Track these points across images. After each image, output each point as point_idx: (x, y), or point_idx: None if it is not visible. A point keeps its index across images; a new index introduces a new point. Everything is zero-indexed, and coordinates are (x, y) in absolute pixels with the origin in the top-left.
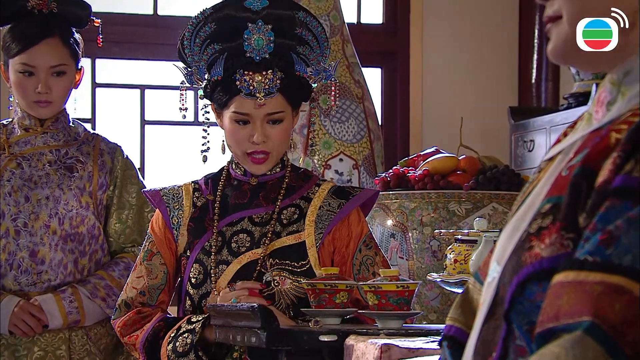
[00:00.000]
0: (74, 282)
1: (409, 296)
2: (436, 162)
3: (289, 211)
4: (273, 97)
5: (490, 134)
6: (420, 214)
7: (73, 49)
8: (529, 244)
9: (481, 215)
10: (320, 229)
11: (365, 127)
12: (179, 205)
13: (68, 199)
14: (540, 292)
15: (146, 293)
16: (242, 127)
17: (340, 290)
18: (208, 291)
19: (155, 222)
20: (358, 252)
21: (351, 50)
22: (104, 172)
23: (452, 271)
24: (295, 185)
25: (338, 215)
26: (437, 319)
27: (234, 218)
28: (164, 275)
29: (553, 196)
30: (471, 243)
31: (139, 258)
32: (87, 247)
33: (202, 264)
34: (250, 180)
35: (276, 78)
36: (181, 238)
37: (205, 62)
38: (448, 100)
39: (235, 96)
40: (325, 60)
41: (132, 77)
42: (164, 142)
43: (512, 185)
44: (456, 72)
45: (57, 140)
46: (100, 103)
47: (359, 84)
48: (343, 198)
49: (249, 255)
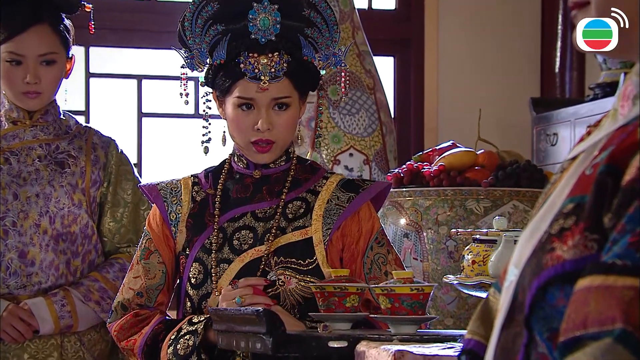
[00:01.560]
0: (66, 285)
1: (423, 300)
2: (452, 157)
3: (294, 205)
4: (279, 82)
5: (510, 127)
6: (435, 213)
7: (63, 36)
8: (550, 245)
9: (501, 214)
10: (328, 225)
11: (376, 119)
12: (177, 200)
13: (59, 197)
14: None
15: (144, 294)
16: (245, 113)
17: (351, 293)
18: (209, 292)
19: (153, 218)
20: (369, 250)
21: (362, 37)
22: (97, 168)
23: (469, 273)
24: (302, 178)
25: (347, 209)
26: (453, 324)
27: (236, 213)
28: (162, 274)
29: (576, 195)
30: (490, 243)
31: (136, 257)
32: (79, 247)
33: (202, 263)
34: (254, 173)
35: (283, 61)
36: (179, 235)
37: (207, 45)
38: (465, 91)
39: (239, 80)
40: (335, 45)
41: (129, 66)
42: (163, 136)
43: (533, 182)
44: (474, 60)
45: (47, 134)
46: (95, 94)
47: (370, 74)
48: (353, 191)
49: (252, 252)
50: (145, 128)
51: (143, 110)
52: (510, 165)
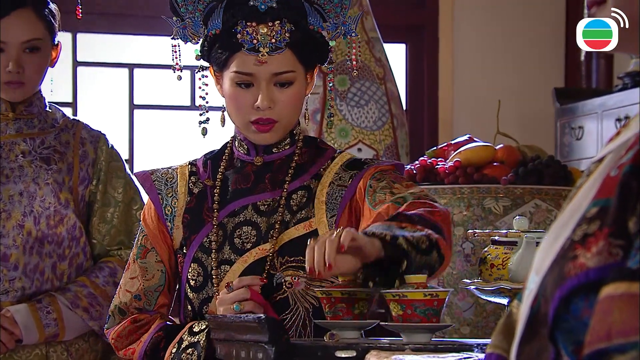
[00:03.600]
0: (51, 291)
1: (438, 306)
2: (469, 152)
3: (298, 195)
4: (281, 54)
5: (532, 120)
6: (451, 212)
7: (48, 21)
8: (572, 252)
9: (522, 214)
10: (332, 212)
11: (387, 111)
12: (172, 192)
13: (45, 195)
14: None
15: (142, 297)
16: (244, 90)
17: (360, 299)
18: (210, 295)
19: (148, 213)
20: (369, 188)
21: (372, 23)
22: (86, 164)
23: (488, 277)
24: (307, 162)
25: (350, 188)
26: (470, 333)
27: (236, 206)
28: (161, 274)
29: (600, 199)
30: (510, 245)
31: (132, 255)
32: (66, 250)
33: (201, 264)
34: (255, 160)
35: (285, 30)
36: (176, 231)
37: (201, 14)
38: (483, 80)
39: (237, 52)
40: (345, 12)
41: (119, 54)
42: (156, 130)
43: (557, 179)
44: (492, 47)
45: (32, 128)
46: (83, 84)
47: (380, 63)
48: (356, 169)
49: (256, 252)
50: (137, 121)
51: (135, 102)
52: (532, 161)
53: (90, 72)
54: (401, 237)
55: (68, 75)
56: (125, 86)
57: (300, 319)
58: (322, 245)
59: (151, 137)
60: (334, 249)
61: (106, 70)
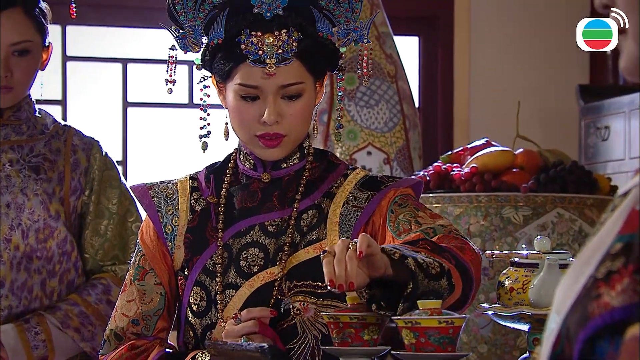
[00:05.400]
0: (40, 310)
1: (454, 334)
2: (487, 157)
3: (309, 214)
4: (288, 65)
5: (554, 119)
6: (467, 222)
7: (39, 22)
8: (596, 291)
9: (543, 224)
10: (346, 234)
11: (398, 112)
12: (173, 210)
13: (33, 207)
14: (613, 350)
15: (140, 321)
16: (249, 103)
17: (370, 324)
18: (213, 321)
19: (146, 231)
20: (390, 213)
21: (382, 17)
22: (78, 173)
23: (507, 302)
24: (317, 178)
25: (366, 210)
26: (488, 352)
27: (242, 227)
28: (160, 297)
29: (625, 234)
30: (531, 267)
31: (129, 276)
32: (57, 266)
33: (205, 288)
34: (262, 176)
35: (292, 40)
36: (177, 251)
37: (202, 22)
38: (501, 76)
39: (241, 64)
40: (356, 17)
41: (112, 48)
42: (151, 128)
43: (581, 186)
44: (512, 40)
45: (20, 134)
46: (73, 81)
47: (391, 59)
48: (373, 190)
49: (263, 276)
50: (131, 119)
51: (129, 99)
52: (554, 167)
53: (81, 68)
54: (410, 258)
55: (57, 71)
56: (119, 82)
57: (309, 348)
58: (342, 261)
59: (146, 137)
60: (355, 266)
61: (98, 66)
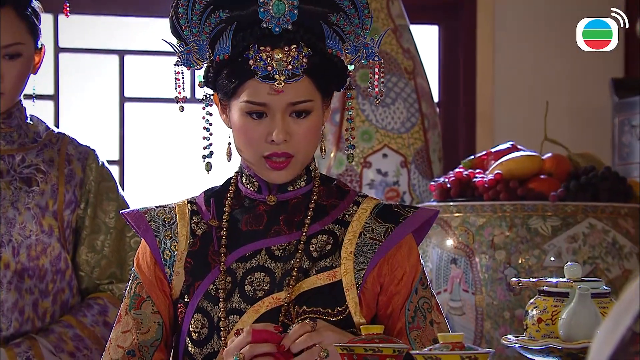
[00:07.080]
0: (32, 332)
1: None
2: (512, 162)
3: (319, 240)
4: (298, 81)
5: (585, 116)
6: (491, 233)
7: (31, 22)
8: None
9: (573, 235)
10: (361, 264)
11: (417, 111)
12: (171, 234)
13: (25, 222)
14: None
15: (137, 352)
16: (256, 122)
17: (387, 356)
18: (215, 350)
19: (142, 257)
20: (414, 294)
21: (398, 9)
22: (73, 185)
23: (534, 334)
24: (327, 204)
25: (385, 244)
26: None
27: (247, 251)
28: (158, 327)
29: None
30: (560, 297)
31: (124, 306)
32: (50, 285)
33: (207, 315)
34: (268, 199)
35: (302, 56)
36: (176, 278)
37: (207, 37)
38: (528, 70)
39: (248, 80)
40: (366, 33)
41: (108, 39)
42: (149, 124)
43: (614, 194)
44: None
45: (11, 143)
46: (66, 73)
47: (409, 54)
48: (391, 221)
49: (269, 301)
50: (128, 116)
51: (126, 94)
52: (586, 173)
53: (74, 60)
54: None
55: (49, 64)
56: (115, 76)
57: None
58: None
59: (144, 134)
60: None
61: (93, 58)
